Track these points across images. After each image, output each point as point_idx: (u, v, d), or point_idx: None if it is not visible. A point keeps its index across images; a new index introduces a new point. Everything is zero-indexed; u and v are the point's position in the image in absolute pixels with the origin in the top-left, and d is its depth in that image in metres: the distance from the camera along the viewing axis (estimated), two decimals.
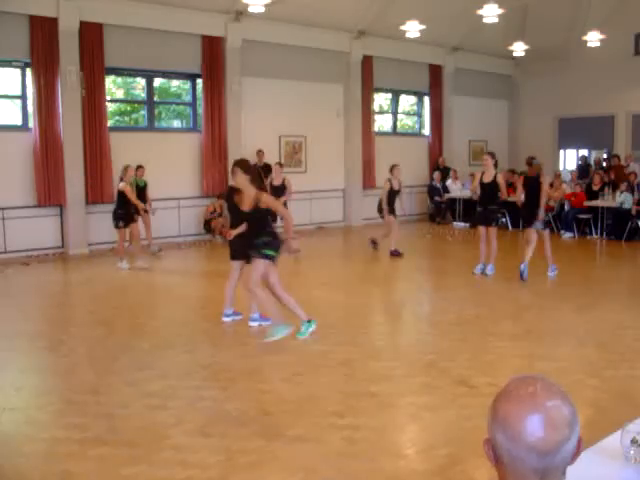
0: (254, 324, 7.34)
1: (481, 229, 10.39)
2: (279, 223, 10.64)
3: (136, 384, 5.53)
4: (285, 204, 11.21)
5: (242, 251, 7.15)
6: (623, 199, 14.01)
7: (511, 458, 1.39)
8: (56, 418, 4.87)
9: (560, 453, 1.38)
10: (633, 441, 2.07)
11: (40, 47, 11.87)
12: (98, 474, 3.98)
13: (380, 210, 12.23)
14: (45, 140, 12.10)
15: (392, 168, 12.14)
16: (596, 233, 14.57)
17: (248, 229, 6.93)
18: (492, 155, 10.30)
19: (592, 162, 18.90)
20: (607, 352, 6.32)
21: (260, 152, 14.53)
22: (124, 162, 13.25)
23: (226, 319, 7.51)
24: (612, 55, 17.75)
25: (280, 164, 12.76)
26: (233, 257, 7.44)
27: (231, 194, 7.34)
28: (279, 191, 11.57)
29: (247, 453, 4.20)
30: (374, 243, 12.49)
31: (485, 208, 10.23)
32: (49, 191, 12.25)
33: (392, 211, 12.01)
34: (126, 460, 4.11)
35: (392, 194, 11.97)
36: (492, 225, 10.25)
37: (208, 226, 14.10)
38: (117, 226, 11.07)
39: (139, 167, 12.30)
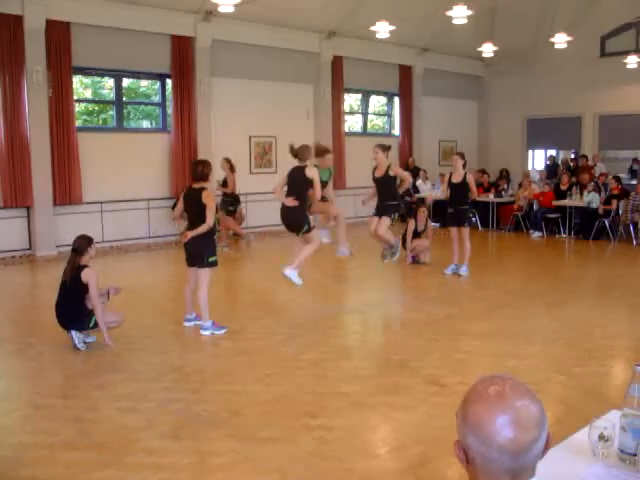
0: (189, 324, 7.40)
1: (452, 230, 10.42)
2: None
3: (105, 387, 5.47)
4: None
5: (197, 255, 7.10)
6: (591, 199, 14.22)
7: (483, 460, 1.40)
8: (24, 423, 4.79)
9: (531, 452, 1.39)
10: (601, 437, 2.09)
11: (5, 46, 11.62)
12: (68, 479, 3.92)
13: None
14: (11, 141, 11.87)
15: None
16: (564, 232, 14.78)
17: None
18: (461, 155, 10.33)
19: (560, 162, 19.17)
20: (575, 349, 6.41)
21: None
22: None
23: (187, 324, 7.45)
24: (579, 57, 18.01)
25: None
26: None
27: (188, 195, 7.20)
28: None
29: (219, 455, 4.18)
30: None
31: (455, 208, 10.27)
32: (15, 192, 12.02)
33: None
34: (96, 464, 4.06)
35: None
36: (464, 225, 10.29)
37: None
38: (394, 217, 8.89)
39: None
